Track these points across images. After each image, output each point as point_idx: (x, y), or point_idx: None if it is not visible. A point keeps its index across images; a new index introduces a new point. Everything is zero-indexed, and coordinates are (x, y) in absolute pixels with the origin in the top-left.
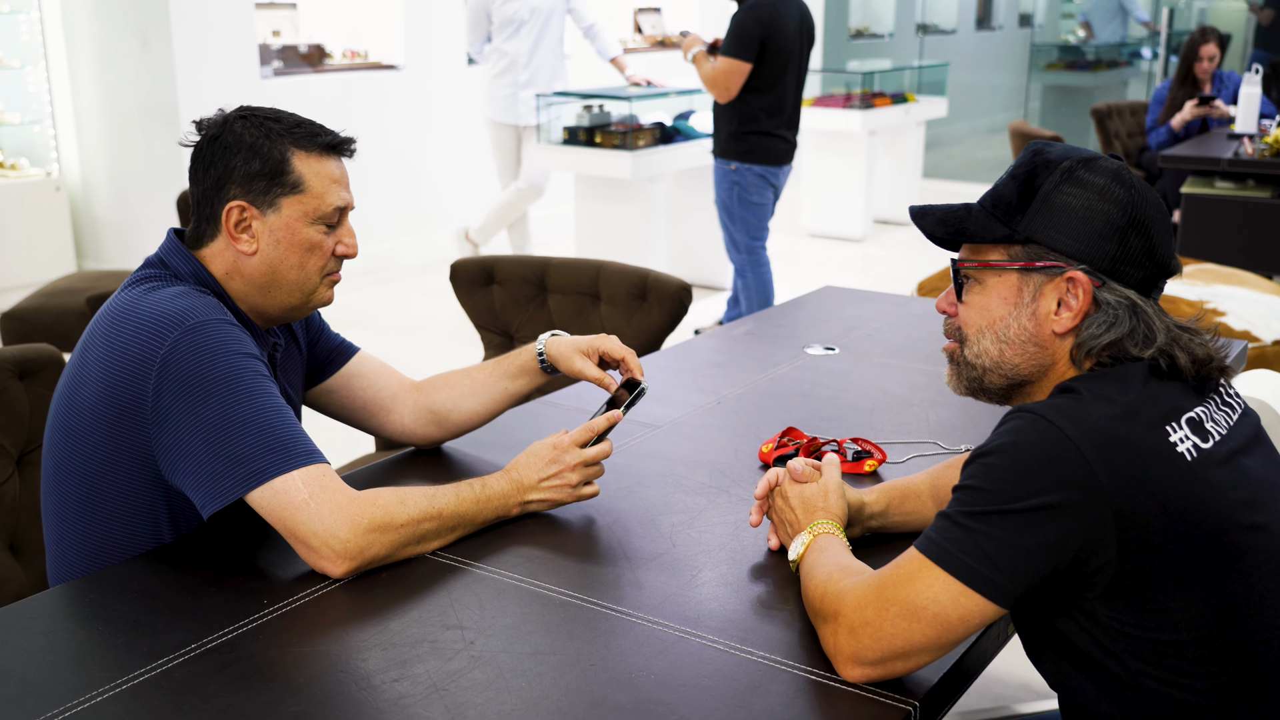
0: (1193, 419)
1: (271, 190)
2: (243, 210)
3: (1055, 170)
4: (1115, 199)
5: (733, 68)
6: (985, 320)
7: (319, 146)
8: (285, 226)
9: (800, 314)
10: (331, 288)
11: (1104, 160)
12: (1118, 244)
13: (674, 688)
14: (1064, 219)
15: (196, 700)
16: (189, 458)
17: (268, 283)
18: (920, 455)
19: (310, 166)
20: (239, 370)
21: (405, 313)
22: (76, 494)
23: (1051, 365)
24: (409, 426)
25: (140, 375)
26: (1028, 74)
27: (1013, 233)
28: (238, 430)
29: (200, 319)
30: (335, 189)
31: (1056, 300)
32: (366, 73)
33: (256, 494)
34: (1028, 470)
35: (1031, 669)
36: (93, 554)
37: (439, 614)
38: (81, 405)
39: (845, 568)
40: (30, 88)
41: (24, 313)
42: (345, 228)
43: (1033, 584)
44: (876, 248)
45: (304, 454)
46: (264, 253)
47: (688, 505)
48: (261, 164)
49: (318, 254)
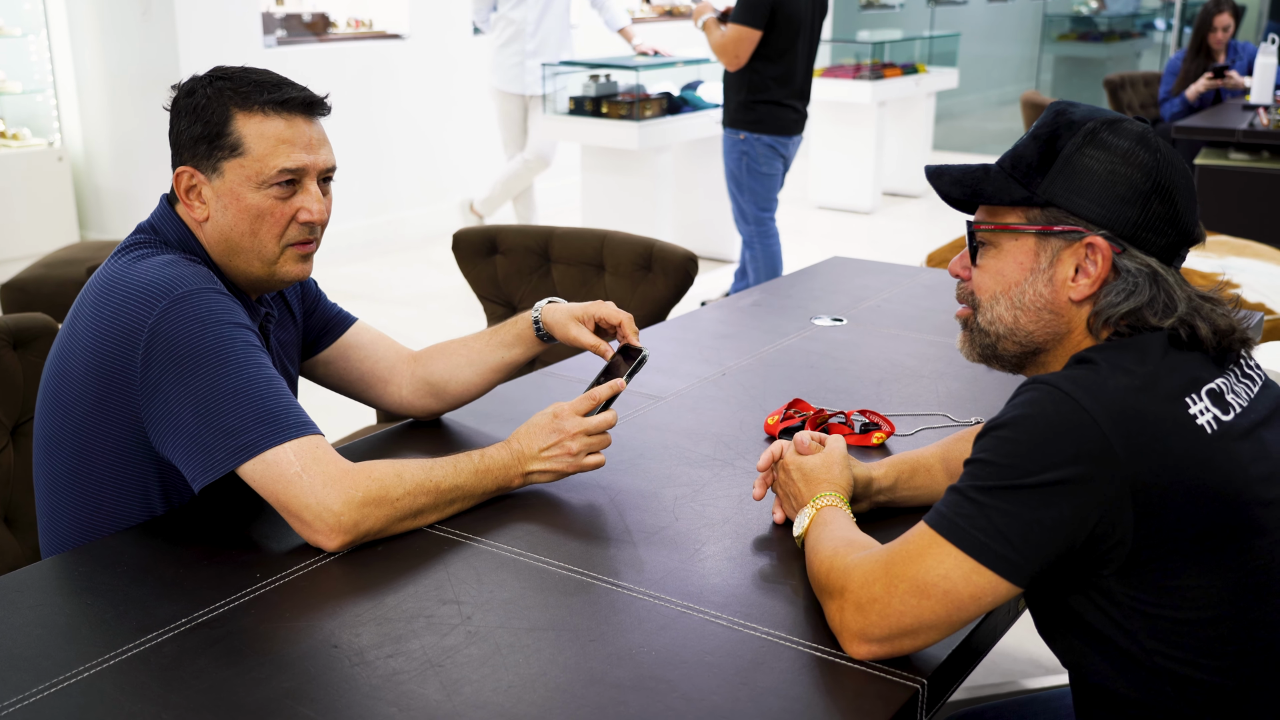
0: (1213, 390)
1: (213, 154)
2: (191, 176)
3: (1078, 132)
4: (1139, 163)
5: (742, 35)
6: (1000, 285)
7: (264, 104)
8: (229, 192)
9: (808, 285)
10: (302, 260)
11: (1129, 123)
12: (1140, 209)
13: (675, 664)
14: (1085, 182)
15: (186, 676)
16: (179, 430)
17: (226, 250)
18: (929, 428)
19: (252, 127)
20: (229, 340)
21: (409, 284)
22: (67, 465)
23: (1067, 333)
24: (407, 398)
25: (128, 345)
26: (1039, 45)
27: (1032, 195)
28: (228, 402)
29: (189, 288)
30: (282, 150)
31: (1074, 266)
32: (371, 42)
33: (248, 466)
34: (1043, 444)
35: (1040, 644)
36: (84, 526)
37: (435, 588)
38: (71, 375)
39: (851, 542)
40: (32, 57)
41: (24, 283)
42: (309, 192)
43: (1047, 561)
44: (885, 220)
45: (296, 425)
46: (214, 220)
47: (691, 478)
48: (203, 127)
49: (269, 221)
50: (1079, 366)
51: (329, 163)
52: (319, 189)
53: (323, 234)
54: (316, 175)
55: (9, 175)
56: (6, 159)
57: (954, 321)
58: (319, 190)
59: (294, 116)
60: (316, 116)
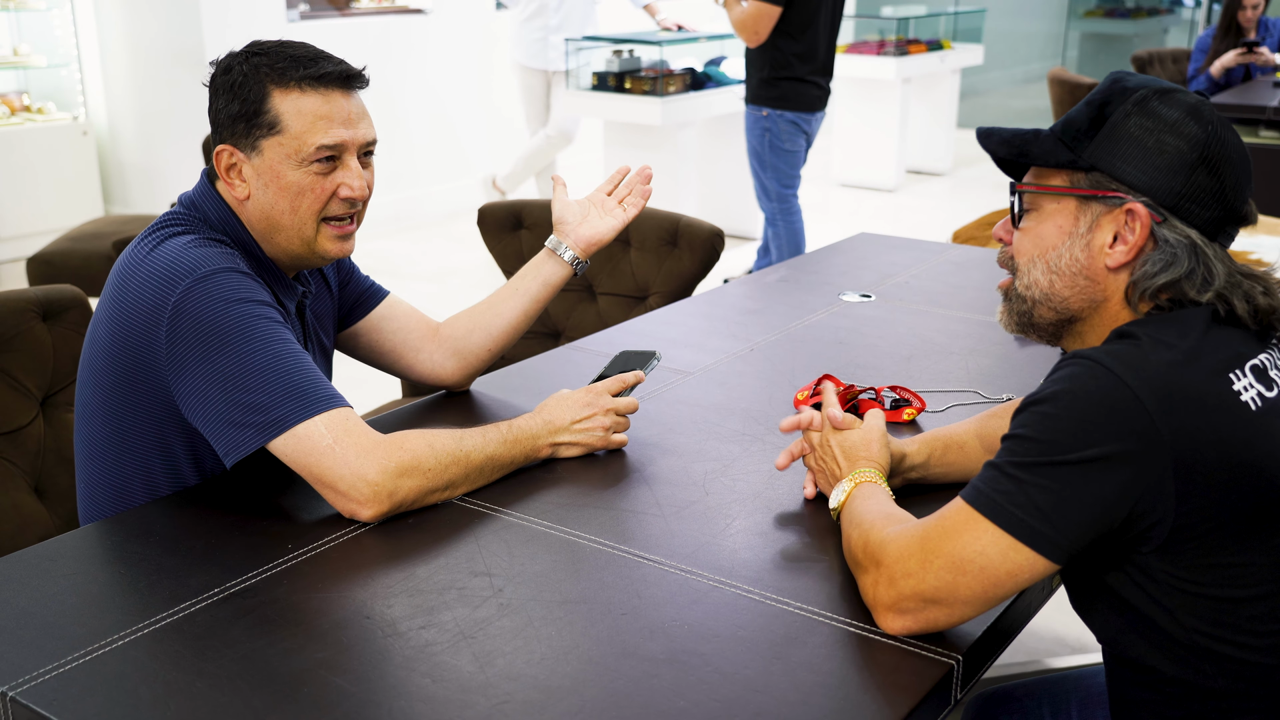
0: (1257, 366)
1: (251, 133)
2: (231, 154)
3: (1129, 99)
4: (1187, 134)
5: (762, 11)
6: (1038, 249)
7: (300, 81)
8: (269, 170)
9: (835, 261)
10: (340, 241)
11: (1182, 94)
12: (1184, 180)
13: (708, 638)
14: (1130, 149)
15: (219, 645)
16: (208, 406)
17: (267, 228)
18: (960, 404)
19: (289, 104)
20: (252, 318)
21: (431, 260)
22: (102, 433)
23: (1103, 302)
24: (437, 366)
25: (152, 323)
26: (1066, 21)
27: (1076, 159)
28: (255, 379)
29: (211, 268)
30: (320, 126)
31: (1113, 233)
32: (394, 16)
33: (279, 442)
34: (1084, 420)
35: (1065, 623)
36: (119, 493)
37: (467, 560)
38: (102, 346)
39: (889, 516)
40: (56, 30)
41: (50, 257)
42: (349, 168)
43: (1087, 539)
44: (909, 198)
45: (324, 399)
46: (255, 198)
47: (721, 453)
48: (241, 105)
49: (309, 198)
50: (1120, 341)
51: (368, 137)
52: (359, 164)
53: (365, 209)
54: (357, 150)
55: (34, 149)
56: (32, 133)
57: (984, 298)
58: (359, 165)
59: (331, 91)
60: (355, 90)
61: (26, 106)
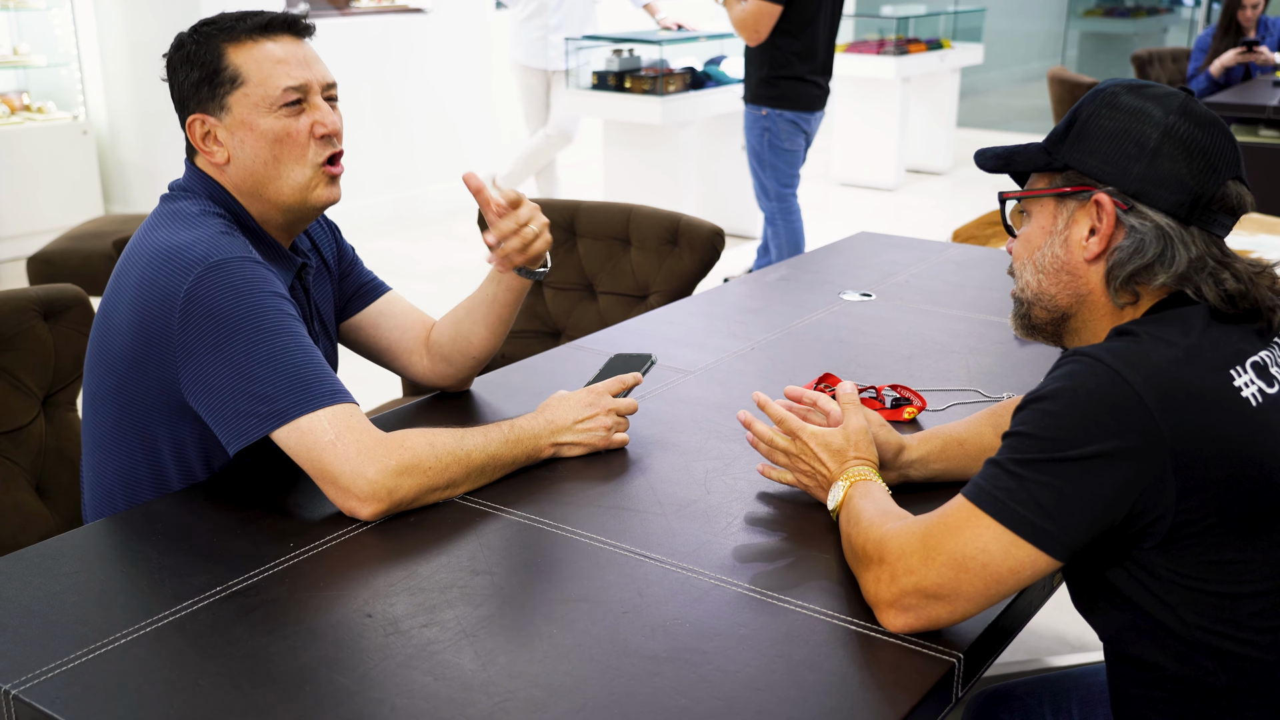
0: (1258, 363)
1: (216, 93)
2: (203, 122)
3: (1098, 98)
4: (1150, 119)
5: (762, 10)
6: (1026, 251)
7: (249, 32)
8: (242, 124)
9: (835, 260)
10: (331, 185)
11: (1154, 87)
12: (1145, 165)
13: (710, 636)
14: (1096, 143)
15: (221, 643)
16: (214, 394)
17: (254, 185)
18: (961, 403)
19: (246, 55)
20: (263, 308)
21: (430, 259)
22: (111, 418)
23: (1087, 295)
24: (431, 369)
25: (166, 309)
26: (1066, 20)
27: (1052, 160)
28: (262, 368)
29: (225, 256)
30: (280, 69)
31: (1089, 227)
32: (394, 16)
33: (282, 433)
34: (1085, 417)
35: (1065, 622)
36: (126, 481)
37: (468, 559)
38: (114, 331)
39: (887, 513)
40: (56, 30)
41: (51, 256)
42: (318, 107)
43: (1088, 535)
44: (909, 197)
45: (330, 394)
46: (236, 158)
47: (722, 451)
48: (200, 71)
49: (290, 143)
50: (1120, 339)
51: (327, 78)
52: (326, 105)
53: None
54: (320, 91)
55: (34, 148)
56: (31, 132)
57: (984, 297)
58: (327, 105)
59: (281, 37)
60: (304, 37)
61: (26, 106)
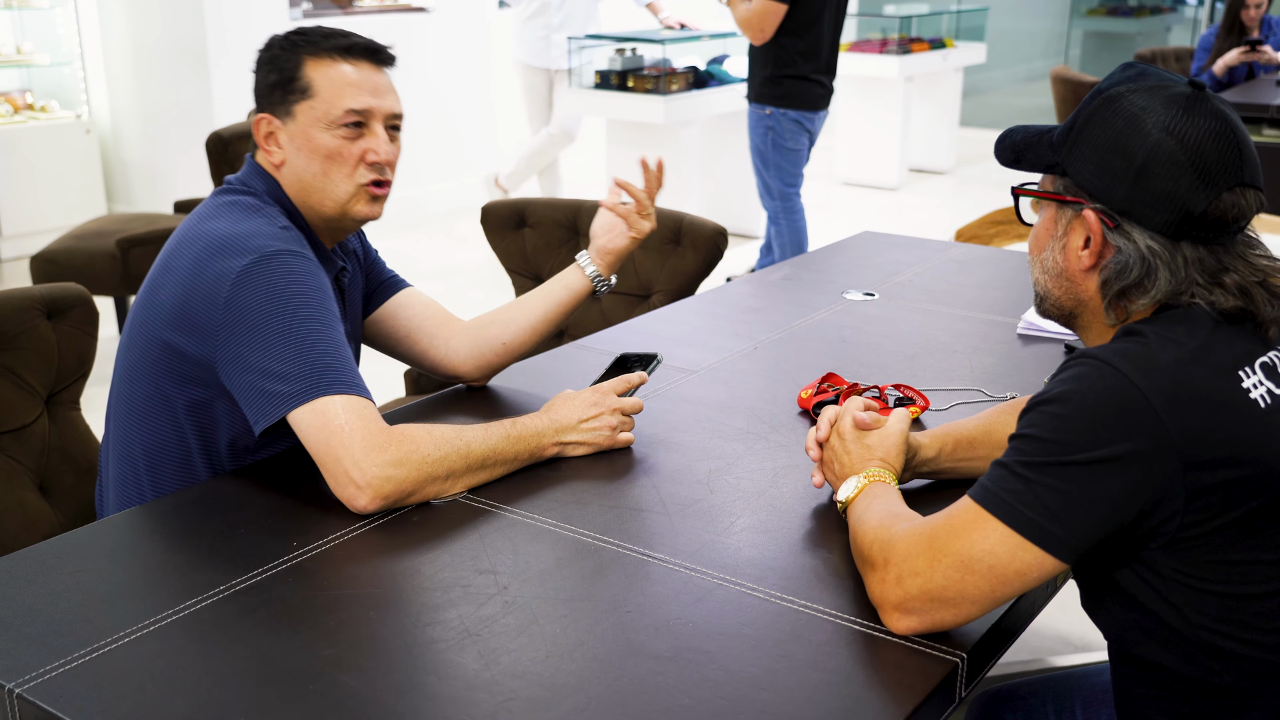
0: (1266, 364)
1: (287, 99)
2: (269, 122)
3: (1099, 96)
4: (1142, 131)
5: (768, 9)
6: (1034, 247)
7: (331, 50)
8: (302, 133)
9: (838, 259)
10: (372, 202)
11: (1165, 85)
12: (1132, 184)
13: (713, 635)
14: (1089, 153)
15: (226, 642)
16: (246, 372)
17: (301, 191)
18: (964, 403)
19: (321, 71)
20: (307, 299)
21: (433, 258)
22: (144, 394)
23: (1087, 300)
24: (451, 353)
25: (215, 288)
26: (1069, 19)
27: (1055, 162)
28: (292, 351)
29: (281, 248)
30: (349, 91)
31: (1084, 236)
32: (397, 15)
33: (297, 414)
34: (1092, 420)
35: (1068, 622)
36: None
37: (471, 558)
38: (160, 308)
39: (897, 515)
40: (60, 29)
41: (54, 255)
42: (377, 135)
43: (1096, 538)
44: (912, 196)
45: (349, 384)
46: (290, 162)
47: (725, 451)
48: (278, 74)
49: (339, 161)
50: (1128, 339)
51: (395, 109)
52: (386, 134)
53: (393, 178)
54: (383, 120)
55: (37, 147)
56: (35, 131)
57: (987, 297)
58: (385, 134)
59: (360, 62)
60: (383, 66)
61: (30, 105)
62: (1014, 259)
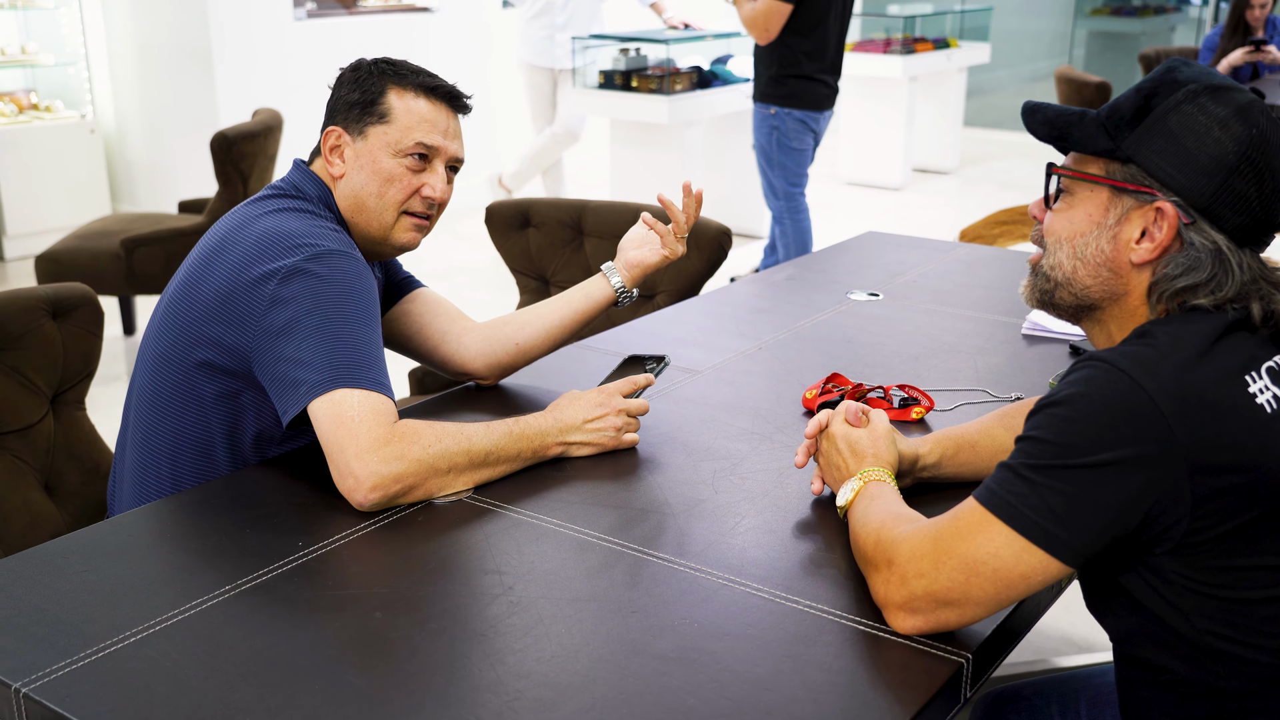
0: (1273, 368)
1: (363, 119)
2: (339, 136)
3: (1177, 91)
4: (1232, 134)
5: (772, 8)
6: (1066, 232)
7: (415, 85)
8: (369, 153)
9: (842, 259)
10: (414, 232)
11: (1237, 92)
12: (1219, 183)
13: (718, 636)
14: (1169, 145)
15: (232, 641)
16: (279, 363)
17: (353, 207)
18: (969, 403)
19: (402, 101)
20: (350, 297)
21: (437, 258)
22: (171, 383)
23: (1124, 295)
24: (463, 350)
25: (263, 281)
26: (1073, 19)
27: (1116, 148)
28: (325, 344)
29: (333, 247)
30: (424, 126)
31: (1141, 229)
32: (401, 15)
33: (316, 403)
34: (1099, 423)
35: (1072, 623)
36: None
37: (476, 558)
38: (198, 300)
39: (899, 515)
40: (64, 29)
41: (59, 255)
42: (436, 172)
43: (1101, 542)
44: (916, 196)
45: (374, 381)
46: (349, 177)
47: (730, 451)
48: (360, 95)
49: (396, 186)
50: (1137, 341)
51: (459, 154)
52: (445, 174)
53: (439, 216)
54: (446, 160)
55: (42, 147)
56: (39, 131)
57: (991, 297)
58: (445, 174)
59: (439, 103)
60: (460, 112)
61: (34, 105)
62: (1018, 259)
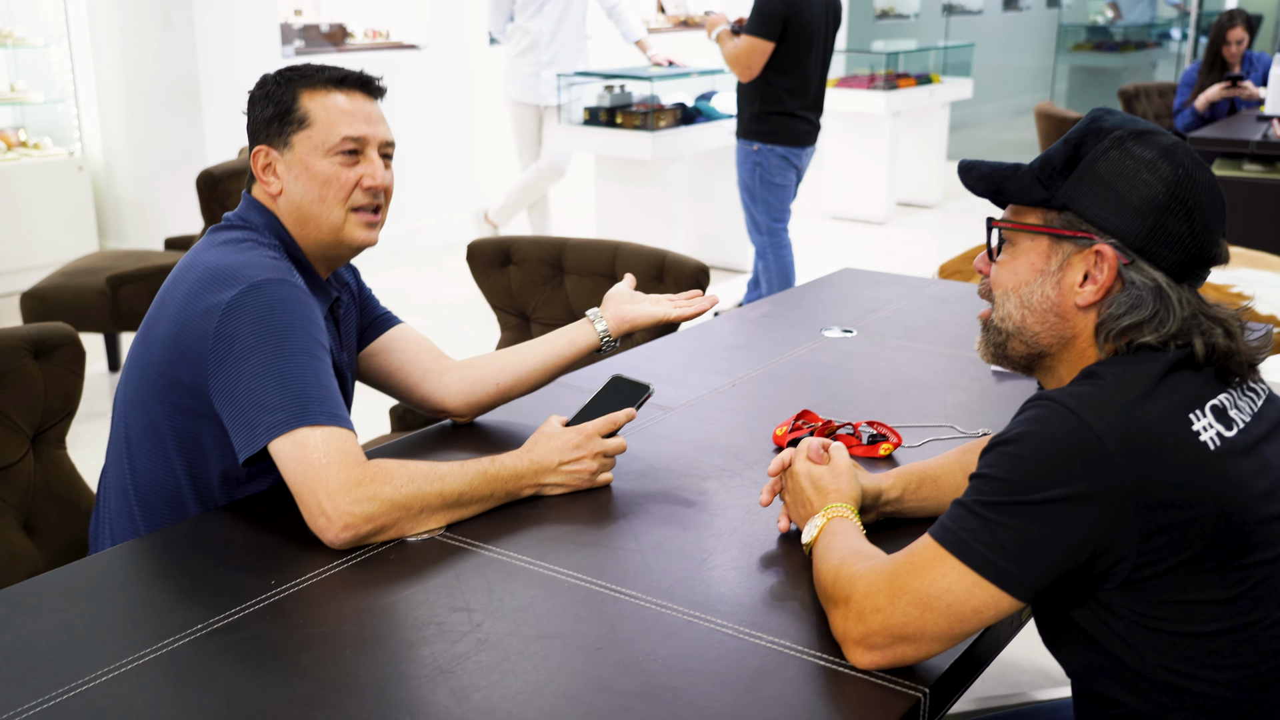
0: (1216, 406)
1: (284, 130)
2: (267, 154)
3: (1104, 139)
4: (1160, 175)
5: (754, 46)
6: (1012, 282)
7: (324, 81)
8: (299, 162)
9: (819, 296)
10: (367, 228)
11: (1160, 135)
12: (1153, 223)
13: (681, 672)
14: (1101, 190)
15: (202, 680)
16: (234, 402)
17: (299, 219)
18: (937, 439)
19: (316, 101)
20: (294, 327)
21: (423, 294)
22: (139, 425)
23: (1072, 339)
24: (443, 388)
25: (206, 319)
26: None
27: (1050, 197)
28: (275, 382)
29: (270, 277)
30: (345, 120)
31: (1083, 273)
32: (388, 52)
33: (278, 443)
34: (1048, 461)
35: (1048, 656)
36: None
37: (446, 596)
38: (155, 342)
39: (858, 552)
40: (54, 67)
41: (44, 292)
42: (371, 161)
43: (1051, 577)
44: (899, 230)
45: (330, 415)
46: (287, 191)
47: (699, 489)
48: (275, 108)
49: (335, 185)
50: (1085, 382)
51: (387, 137)
52: (380, 160)
53: (388, 205)
54: (378, 147)
55: (30, 184)
56: (28, 168)
57: (964, 334)
58: (380, 161)
59: (353, 92)
60: (374, 96)
61: (23, 142)
62: None
